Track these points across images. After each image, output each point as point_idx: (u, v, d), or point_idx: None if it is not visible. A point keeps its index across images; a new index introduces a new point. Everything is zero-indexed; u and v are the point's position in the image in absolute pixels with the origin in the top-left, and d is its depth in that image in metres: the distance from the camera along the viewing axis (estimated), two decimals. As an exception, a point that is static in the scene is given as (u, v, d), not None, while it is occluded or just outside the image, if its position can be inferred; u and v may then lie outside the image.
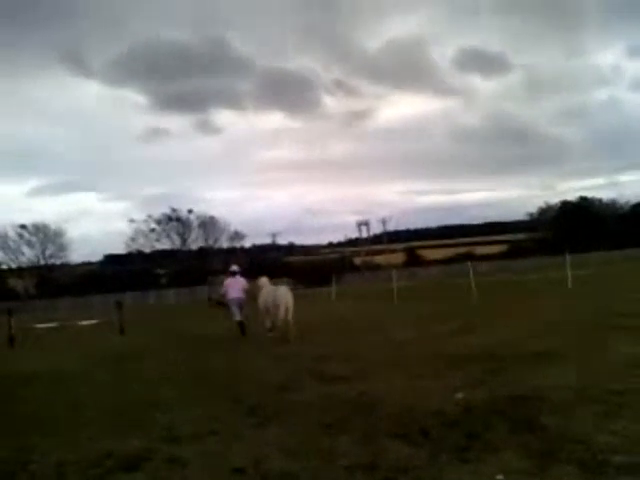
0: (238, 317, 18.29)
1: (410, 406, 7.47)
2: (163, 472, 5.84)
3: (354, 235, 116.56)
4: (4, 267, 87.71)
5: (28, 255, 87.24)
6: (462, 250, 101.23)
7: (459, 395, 7.87)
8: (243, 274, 19.57)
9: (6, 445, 7.27)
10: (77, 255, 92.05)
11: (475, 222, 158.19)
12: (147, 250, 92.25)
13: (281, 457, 5.96)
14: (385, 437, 6.30)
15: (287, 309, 16.26)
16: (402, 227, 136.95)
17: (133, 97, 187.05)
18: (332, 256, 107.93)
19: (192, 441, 6.85)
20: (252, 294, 18.17)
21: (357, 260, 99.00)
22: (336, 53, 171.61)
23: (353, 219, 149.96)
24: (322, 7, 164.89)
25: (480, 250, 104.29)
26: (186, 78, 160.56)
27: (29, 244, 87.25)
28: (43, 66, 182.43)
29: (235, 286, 18.55)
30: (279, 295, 16.56)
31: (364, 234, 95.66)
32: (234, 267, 19.26)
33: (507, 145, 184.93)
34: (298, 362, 12.07)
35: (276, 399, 8.74)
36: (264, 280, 18.03)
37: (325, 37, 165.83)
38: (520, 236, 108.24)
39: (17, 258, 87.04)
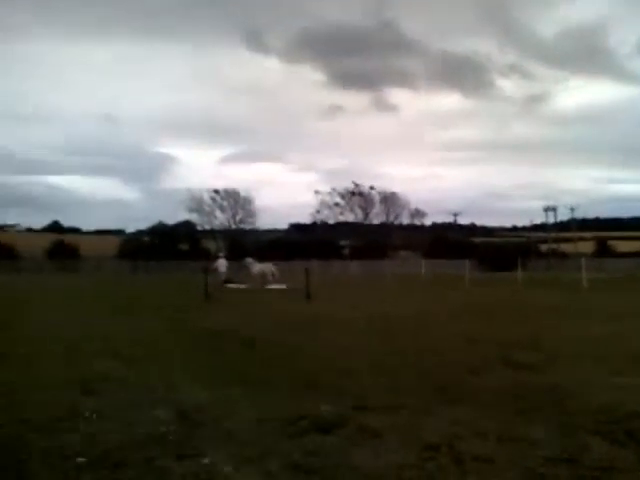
0: None
1: (610, 404, 7.07)
2: (357, 439, 5.95)
3: (539, 220, 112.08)
4: (199, 228, 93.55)
5: (220, 219, 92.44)
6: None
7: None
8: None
9: (206, 395, 7.75)
10: (264, 222, 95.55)
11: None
12: (331, 221, 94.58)
13: (474, 439, 5.88)
14: (584, 432, 6.03)
15: None
16: (591, 215, 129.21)
17: (311, 74, 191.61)
18: (516, 240, 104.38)
19: (383, 412, 6.93)
20: None
21: (543, 246, 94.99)
22: (511, 37, 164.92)
23: (536, 204, 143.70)
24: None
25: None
26: (361, 58, 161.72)
27: (221, 208, 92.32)
28: (227, 43, 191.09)
29: None
30: None
31: (550, 220, 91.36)
32: None
33: None
34: (487, 346, 11.84)
35: (466, 380, 8.65)
36: None
37: (500, 20, 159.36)
38: None
39: (210, 221, 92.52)
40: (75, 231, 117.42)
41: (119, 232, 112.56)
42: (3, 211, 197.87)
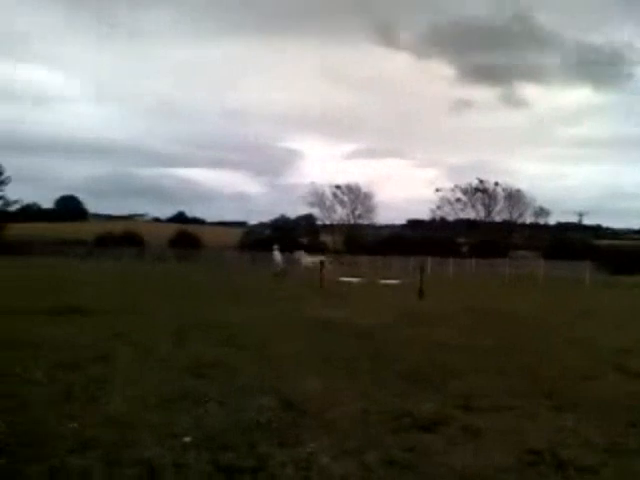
0: None
1: None
2: (458, 439, 5.91)
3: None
4: (319, 222, 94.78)
5: (340, 213, 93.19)
6: None
7: None
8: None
9: (314, 385, 7.89)
10: (382, 217, 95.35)
11: None
12: (450, 218, 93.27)
13: (579, 447, 5.71)
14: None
15: None
16: None
17: (440, 69, 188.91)
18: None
19: (487, 413, 6.85)
20: None
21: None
22: None
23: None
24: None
25: None
26: (492, 52, 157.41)
27: (341, 203, 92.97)
28: (354, 35, 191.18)
29: None
30: None
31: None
32: None
33: None
34: (602, 351, 11.41)
35: (577, 386, 8.38)
36: None
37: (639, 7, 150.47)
38: None
39: (330, 215, 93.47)
40: (199, 222, 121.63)
41: (241, 224, 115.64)
42: (134, 201, 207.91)
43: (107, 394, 7.19)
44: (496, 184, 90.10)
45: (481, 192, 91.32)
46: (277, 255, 35.57)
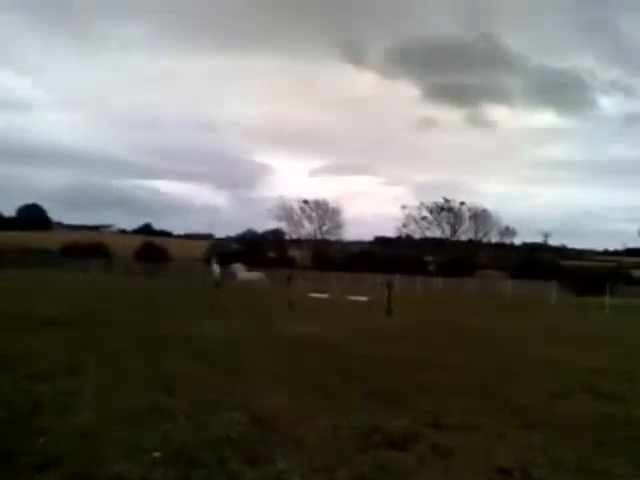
0: None
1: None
2: (428, 457, 5.92)
3: (633, 244, 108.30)
4: (287, 237, 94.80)
5: (307, 228, 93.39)
6: None
7: None
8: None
9: (283, 401, 7.86)
10: (350, 233, 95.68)
11: None
12: (417, 236, 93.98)
13: (549, 467, 5.77)
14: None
15: None
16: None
17: (406, 88, 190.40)
18: (607, 264, 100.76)
19: (457, 431, 6.89)
20: None
21: (636, 272, 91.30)
22: (614, 52, 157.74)
23: (631, 227, 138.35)
24: (597, 4, 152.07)
25: None
26: (458, 72, 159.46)
27: (309, 218, 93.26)
28: (322, 53, 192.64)
29: None
30: None
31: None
32: None
33: None
34: (570, 371, 11.53)
35: (544, 405, 8.46)
36: None
37: (603, 35, 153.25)
38: None
39: (298, 230, 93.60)
40: (166, 234, 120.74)
41: (208, 237, 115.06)
42: (100, 212, 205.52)
43: (76, 407, 7.08)
44: (462, 203, 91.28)
45: (447, 211, 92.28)
46: (215, 268, 37.27)
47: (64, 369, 9.20)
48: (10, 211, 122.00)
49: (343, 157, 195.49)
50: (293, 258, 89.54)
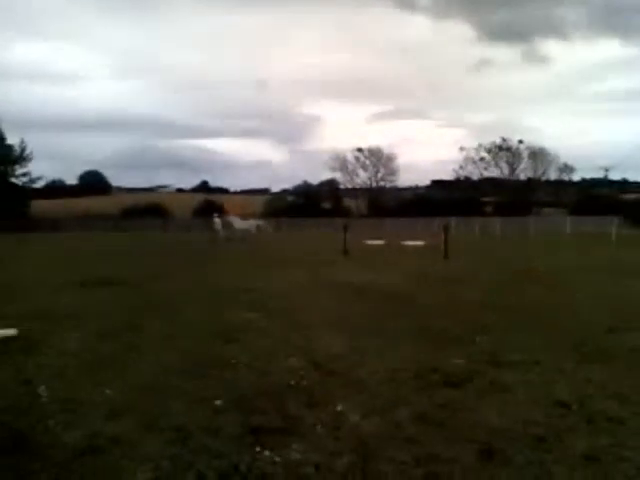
0: None
1: None
2: (487, 394, 5.95)
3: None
4: (342, 187, 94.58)
5: (362, 177, 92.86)
6: None
7: None
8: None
9: (341, 345, 7.96)
10: (406, 179, 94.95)
11: None
12: (475, 178, 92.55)
13: (607, 399, 5.73)
14: None
15: None
16: None
17: (459, 29, 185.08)
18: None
19: (514, 368, 6.88)
20: None
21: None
22: None
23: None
24: None
25: None
26: (511, 8, 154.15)
27: (364, 167, 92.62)
28: (374, 1, 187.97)
29: None
30: None
31: None
32: None
33: None
34: (622, 303, 11.36)
35: (602, 339, 8.36)
36: None
37: None
38: None
39: (352, 179, 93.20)
40: (223, 191, 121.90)
41: (264, 191, 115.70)
42: (157, 173, 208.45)
43: (139, 361, 7.32)
44: (520, 142, 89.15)
45: (505, 150, 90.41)
46: (217, 222, 37.98)
47: (127, 326, 9.48)
48: (72, 178, 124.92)
49: (398, 103, 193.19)
50: (348, 207, 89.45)
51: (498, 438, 4.85)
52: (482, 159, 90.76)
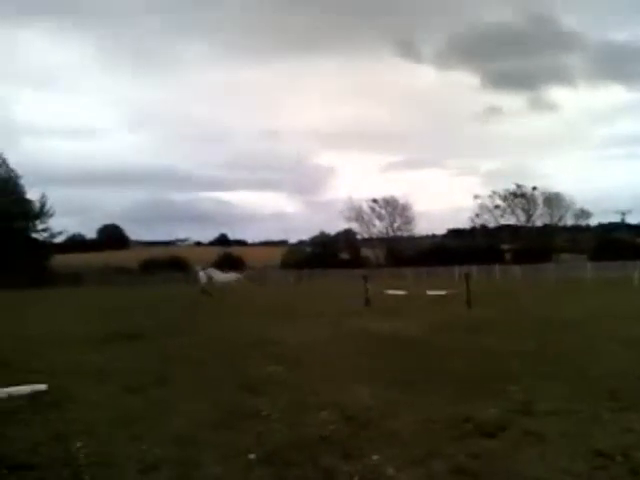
0: None
1: None
2: (522, 444, 5.87)
3: None
4: (359, 237, 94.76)
5: (379, 227, 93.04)
6: None
7: None
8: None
9: (370, 397, 7.89)
10: (422, 228, 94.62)
11: None
12: (491, 225, 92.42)
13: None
14: None
15: None
16: None
17: (465, 78, 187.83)
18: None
19: (549, 417, 6.79)
20: None
21: None
22: None
23: None
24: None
25: None
26: (515, 57, 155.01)
27: (379, 216, 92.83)
28: (380, 54, 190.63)
29: None
30: None
31: None
32: None
33: None
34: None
35: (637, 387, 8.23)
36: None
37: None
38: None
39: (369, 229, 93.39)
40: (241, 243, 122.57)
41: (282, 243, 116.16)
42: (174, 226, 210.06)
43: (169, 414, 7.30)
44: (534, 188, 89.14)
45: (520, 197, 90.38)
46: (202, 275, 38.70)
47: (153, 380, 9.47)
48: (91, 233, 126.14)
49: (409, 152, 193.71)
50: (366, 257, 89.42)
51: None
52: (497, 207, 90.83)
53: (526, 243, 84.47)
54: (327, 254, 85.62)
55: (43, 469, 5.45)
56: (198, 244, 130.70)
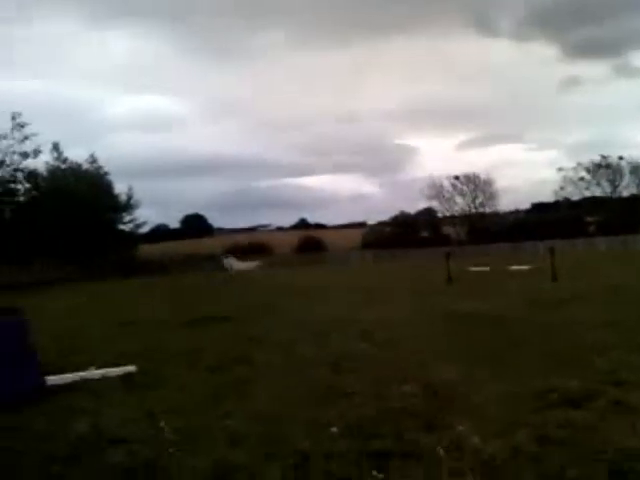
0: None
1: None
2: (610, 414, 5.74)
3: None
4: (439, 215, 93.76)
5: (460, 204, 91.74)
6: None
7: None
8: None
9: (454, 372, 7.86)
10: (505, 203, 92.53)
11: None
12: (575, 198, 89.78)
13: None
14: None
15: None
16: None
17: (543, 50, 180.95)
18: None
19: (638, 387, 6.58)
20: None
21: None
22: None
23: None
24: None
25: None
26: (595, 24, 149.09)
27: (461, 193, 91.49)
28: (456, 31, 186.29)
29: None
30: None
31: None
32: None
33: None
34: None
35: None
36: None
37: None
38: None
39: (450, 207, 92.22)
40: (321, 227, 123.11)
41: (362, 225, 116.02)
42: (256, 213, 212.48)
43: (254, 392, 7.48)
44: (620, 158, 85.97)
45: (605, 168, 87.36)
46: (227, 262, 39.57)
47: (238, 360, 9.71)
48: (174, 222, 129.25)
49: (489, 127, 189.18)
50: (447, 235, 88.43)
51: (630, 459, 4.66)
52: (582, 179, 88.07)
53: (612, 215, 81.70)
54: (407, 233, 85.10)
55: (136, 442, 5.69)
56: (280, 229, 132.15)
